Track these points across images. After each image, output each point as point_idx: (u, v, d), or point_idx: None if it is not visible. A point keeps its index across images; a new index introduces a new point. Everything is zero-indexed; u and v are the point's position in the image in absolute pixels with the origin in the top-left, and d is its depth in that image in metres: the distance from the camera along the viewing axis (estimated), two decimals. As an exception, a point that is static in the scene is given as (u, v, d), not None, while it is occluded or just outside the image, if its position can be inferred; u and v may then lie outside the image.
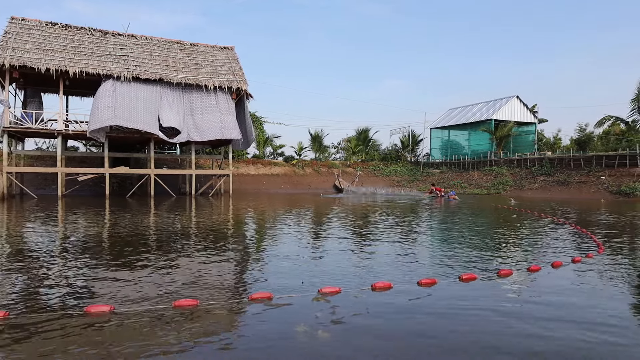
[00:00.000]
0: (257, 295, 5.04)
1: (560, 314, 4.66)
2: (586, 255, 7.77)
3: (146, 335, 3.93)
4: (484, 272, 6.44)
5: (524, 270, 6.68)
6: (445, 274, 6.31)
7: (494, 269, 6.69)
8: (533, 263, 7.08)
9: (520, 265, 7.09)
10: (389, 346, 3.79)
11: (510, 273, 6.34)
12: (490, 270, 6.60)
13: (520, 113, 43.89)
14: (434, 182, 34.98)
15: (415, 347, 3.81)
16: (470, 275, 6.07)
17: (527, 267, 6.81)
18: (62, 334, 3.94)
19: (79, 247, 8.58)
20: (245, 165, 39.20)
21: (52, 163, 26.98)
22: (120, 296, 5.11)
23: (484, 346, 3.80)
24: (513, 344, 3.86)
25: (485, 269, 6.68)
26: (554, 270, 6.69)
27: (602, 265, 7.09)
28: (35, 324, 4.15)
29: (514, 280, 6.11)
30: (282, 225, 13.04)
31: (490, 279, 6.10)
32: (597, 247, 8.54)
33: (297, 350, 3.67)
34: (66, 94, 29.08)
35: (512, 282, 5.99)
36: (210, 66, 28.06)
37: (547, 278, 6.27)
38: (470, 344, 3.85)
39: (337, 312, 4.54)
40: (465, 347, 3.77)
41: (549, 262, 7.18)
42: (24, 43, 23.23)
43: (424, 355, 3.68)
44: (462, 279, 5.96)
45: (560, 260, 7.21)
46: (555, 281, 6.09)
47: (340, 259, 7.53)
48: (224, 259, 7.50)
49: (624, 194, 27.03)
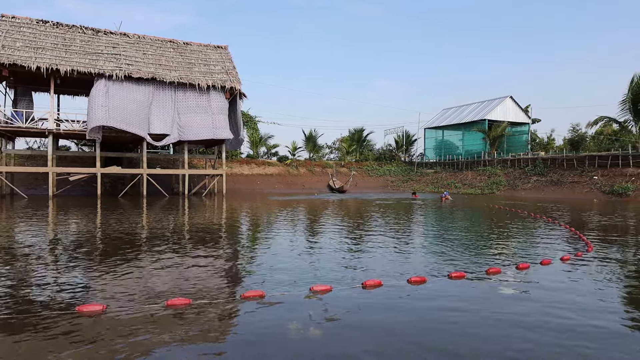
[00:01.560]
0: (249, 293, 5.03)
1: (548, 310, 4.67)
2: (575, 254, 7.78)
3: (139, 335, 3.89)
4: (472, 270, 6.44)
5: (513, 267, 6.68)
6: (435, 272, 6.31)
7: (483, 267, 6.70)
8: (522, 261, 7.09)
9: (509, 262, 7.07)
10: (380, 342, 3.79)
11: (499, 271, 6.34)
12: (479, 269, 6.60)
13: (514, 113, 44.06)
14: (414, 191, 35.09)
15: (406, 343, 3.80)
16: (459, 274, 6.08)
17: (516, 264, 6.81)
18: (53, 334, 3.88)
19: (69, 247, 8.46)
20: (239, 165, 39.08)
21: (43, 163, 26.75)
22: (112, 295, 5.05)
23: (471, 344, 3.79)
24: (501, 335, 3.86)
25: (474, 267, 6.68)
26: (543, 268, 6.70)
27: (591, 263, 7.11)
28: (26, 324, 4.09)
29: (503, 277, 6.11)
30: (274, 224, 12.98)
31: (479, 277, 6.10)
32: (586, 246, 8.57)
33: (290, 347, 3.66)
34: (57, 93, 28.81)
35: (500, 280, 5.98)
36: (203, 65, 27.91)
37: (536, 275, 6.26)
38: (459, 341, 3.86)
39: (329, 310, 4.54)
40: (454, 343, 3.79)
41: (538, 260, 7.19)
42: (14, 41, 22.99)
43: (415, 350, 3.67)
44: (451, 276, 5.97)
45: (549, 258, 7.24)
46: (544, 278, 6.08)
47: (331, 257, 7.53)
48: (215, 258, 7.47)
49: (617, 194, 27.16)
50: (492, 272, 6.29)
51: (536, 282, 5.94)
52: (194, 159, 34.13)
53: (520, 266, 6.66)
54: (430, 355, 3.57)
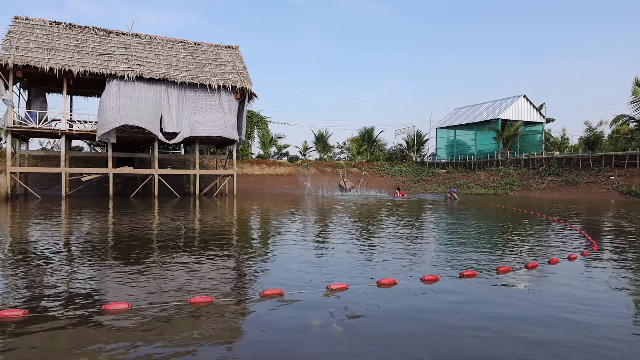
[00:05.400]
0: (268, 291, 5.06)
1: (563, 304, 4.81)
2: (581, 252, 7.88)
3: (165, 332, 3.93)
4: (483, 269, 6.51)
5: (522, 266, 6.76)
6: (447, 271, 6.42)
7: (494, 266, 6.78)
8: (531, 260, 7.14)
9: (519, 262, 7.13)
10: (403, 335, 3.92)
11: (509, 270, 6.44)
12: (489, 268, 6.67)
13: (528, 112, 43.42)
14: (399, 187, 34.72)
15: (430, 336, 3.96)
16: (471, 272, 6.15)
17: (525, 264, 6.87)
18: (82, 332, 3.91)
19: (89, 247, 8.48)
20: (250, 166, 39.16)
21: (57, 163, 27.08)
22: (136, 294, 5.09)
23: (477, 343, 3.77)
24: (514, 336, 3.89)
25: (485, 266, 6.75)
26: (551, 267, 6.78)
27: (595, 262, 7.23)
28: (54, 322, 4.12)
29: (513, 276, 6.21)
30: (287, 224, 12.95)
31: (489, 276, 6.18)
32: (591, 246, 8.67)
33: (315, 343, 3.72)
34: (70, 94, 29.17)
35: (511, 278, 6.10)
36: (214, 65, 27.99)
37: (545, 274, 6.36)
38: (473, 338, 3.90)
39: (349, 308, 4.60)
40: (472, 342, 3.83)
41: (546, 259, 7.29)
42: (27, 42, 23.31)
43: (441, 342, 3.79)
44: (463, 275, 6.06)
45: (557, 258, 7.34)
46: (553, 276, 6.20)
47: (344, 256, 7.62)
48: (230, 257, 7.54)
49: (635, 195, 26.53)
50: (502, 270, 6.38)
51: (545, 279, 6.04)
52: (204, 159, 34.27)
53: (529, 265, 6.72)
54: (451, 342, 3.74)
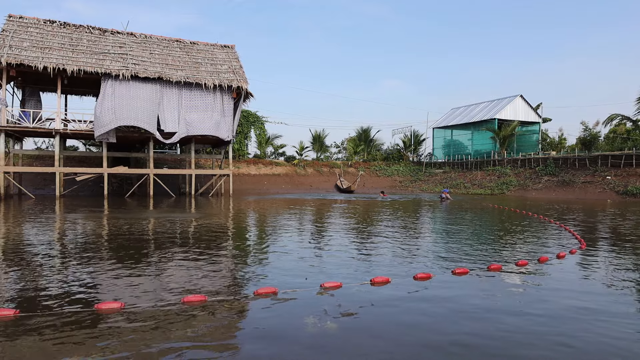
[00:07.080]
0: (262, 290, 5.07)
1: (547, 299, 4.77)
2: (570, 251, 7.97)
3: (158, 331, 3.91)
4: (475, 267, 6.57)
5: (512, 264, 6.83)
6: (440, 269, 6.48)
7: (485, 263, 6.84)
8: (522, 258, 7.24)
9: (509, 259, 7.20)
10: (397, 333, 3.94)
11: (500, 268, 6.49)
12: (481, 265, 6.74)
13: (524, 112, 43.39)
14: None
15: (424, 332, 4.01)
16: (463, 270, 6.20)
17: (515, 261, 6.97)
18: (74, 332, 3.88)
19: (81, 247, 8.40)
20: (246, 165, 39.04)
21: (51, 163, 26.94)
22: (129, 293, 5.06)
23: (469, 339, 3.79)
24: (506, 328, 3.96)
25: (476, 264, 6.80)
26: (541, 265, 6.87)
27: (583, 260, 7.36)
28: (47, 322, 4.08)
29: (504, 273, 6.28)
30: (282, 223, 12.90)
31: (481, 273, 6.25)
32: (579, 244, 8.77)
33: (309, 340, 3.72)
34: (65, 93, 29.02)
35: (502, 275, 6.17)
36: (210, 65, 27.89)
37: (535, 271, 6.45)
38: (467, 335, 3.94)
39: (343, 306, 4.63)
40: (462, 339, 3.85)
41: (536, 257, 7.40)
42: (21, 41, 23.16)
43: (434, 339, 3.83)
44: (455, 273, 6.12)
45: (546, 256, 7.42)
46: (542, 274, 6.30)
47: (338, 254, 7.63)
48: (224, 257, 7.52)
49: (631, 195, 26.52)
50: (493, 268, 6.44)
51: (535, 276, 6.14)
52: (200, 158, 34.14)
53: (519, 263, 6.78)
54: (445, 340, 3.77)
